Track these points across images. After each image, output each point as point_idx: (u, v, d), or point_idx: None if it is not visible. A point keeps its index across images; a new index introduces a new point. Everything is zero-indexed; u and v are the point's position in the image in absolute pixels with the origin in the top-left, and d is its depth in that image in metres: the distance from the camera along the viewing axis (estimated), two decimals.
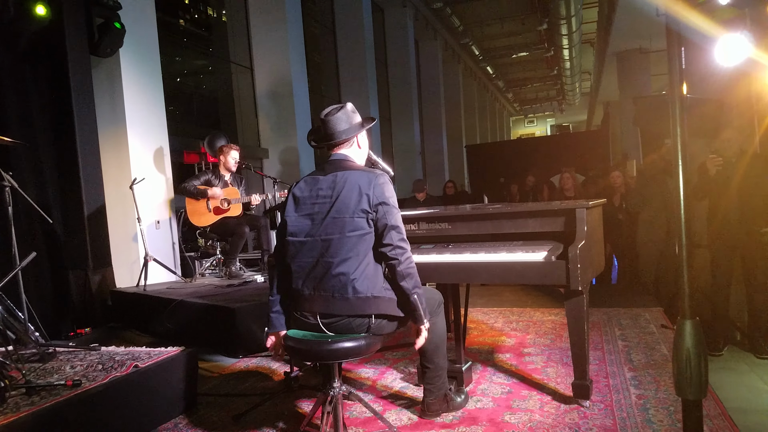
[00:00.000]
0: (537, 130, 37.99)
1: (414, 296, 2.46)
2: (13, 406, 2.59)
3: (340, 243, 2.43)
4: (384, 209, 2.45)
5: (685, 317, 1.77)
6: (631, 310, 5.18)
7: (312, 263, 2.49)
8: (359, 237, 2.43)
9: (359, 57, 12.91)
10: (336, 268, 2.42)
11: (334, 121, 2.60)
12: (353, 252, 2.43)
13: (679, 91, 1.78)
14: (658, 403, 3.01)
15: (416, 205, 8.29)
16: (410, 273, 2.46)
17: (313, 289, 2.49)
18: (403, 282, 2.44)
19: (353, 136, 2.65)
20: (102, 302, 5.64)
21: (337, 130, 2.61)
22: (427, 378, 2.90)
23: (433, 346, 2.80)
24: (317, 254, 2.47)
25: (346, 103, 2.68)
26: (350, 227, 2.42)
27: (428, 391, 2.93)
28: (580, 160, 10.11)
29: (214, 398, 3.55)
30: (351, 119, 2.64)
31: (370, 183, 2.46)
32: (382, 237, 2.45)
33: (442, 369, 2.91)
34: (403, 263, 2.44)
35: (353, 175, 2.49)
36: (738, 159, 4.08)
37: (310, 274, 2.50)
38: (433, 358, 2.84)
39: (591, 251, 2.96)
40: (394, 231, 2.45)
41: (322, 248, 2.46)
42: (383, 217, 2.44)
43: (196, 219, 5.85)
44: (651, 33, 12.42)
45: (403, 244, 2.47)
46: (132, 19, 6.05)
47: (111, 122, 6.08)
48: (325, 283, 2.45)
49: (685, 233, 1.74)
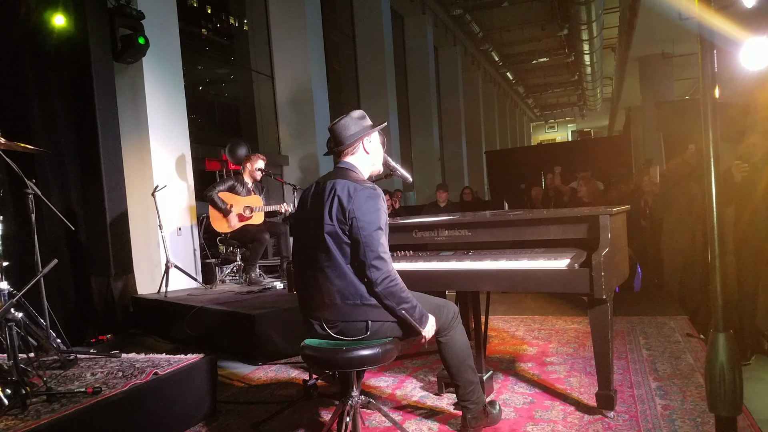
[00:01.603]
0: (558, 135, 37.71)
1: (401, 312, 2.40)
2: (34, 413, 2.61)
3: (326, 251, 2.43)
4: (356, 223, 2.37)
5: (718, 330, 1.70)
6: (655, 319, 5.08)
7: (310, 269, 2.50)
8: (337, 246, 2.41)
9: (379, 64, 12.95)
10: (325, 275, 2.44)
11: (339, 129, 2.60)
12: (335, 261, 2.41)
13: (711, 95, 1.73)
14: (685, 414, 2.94)
15: (437, 210, 8.25)
16: (391, 292, 2.38)
17: (312, 297, 2.51)
18: (385, 302, 2.39)
19: (358, 141, 2.61)
20: (123, 309, 5.69)
21: (342, 136, 2.60)
22: (460, 395, 2.77)
23: (457, 362, 2.71)
24: (314, 263, 2.48)
25: (353, 111, 2.67)
26: (333, 236, 2.41)
27: (466, 408, 2.77)
28: (601, 166, 10.00)
29: (233, 406, 3.54)
30: (357, 124, 2.62)
31: (350, 194, 2.40)
32: (356, 252, 2.39)
33: (474, 383, 2.77)
34: (380, 285, 2.36)
35: (341, 184, 2.45)
36: (764, 164, 3.99)
37: (310, 282, 2.51)
38: (461, 374, 2.72)
39: (615, 259, 2.90)
40: (367, 249, 2.35)
41: (314, 255, 2.47)
42: (355, 231, 2.37)
43: (218, 225, 5.91)
44: (674, 37, 12.27)
45: (379, 263, 2.36)
46: (155, 28, 6.13)
47: (134, 130, 6.15)
48: (322, 290, 2.46)
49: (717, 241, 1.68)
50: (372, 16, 12.84)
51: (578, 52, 18.40)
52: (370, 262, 2.35)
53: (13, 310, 3.09)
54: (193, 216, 6.60)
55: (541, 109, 34.45)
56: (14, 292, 3.24)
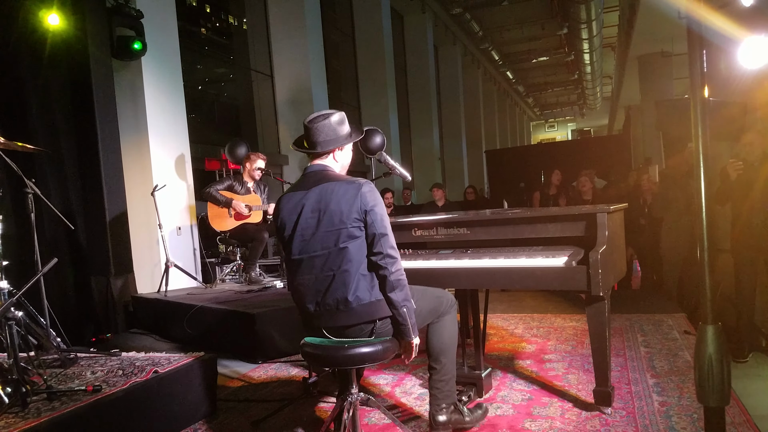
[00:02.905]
0: (557, 134, 37.72)
1: (403, 309, 2.39)
2: (34, 412, 2.62)
3: (336, 255, 2.40)
4: (372, 217, 2.39)
5: (707, 322, 1.73)
6: (653, 316, 5.10)
7: (312, 279, 2.46)
8: (354, 246, 2.40)
9: (379, 63, 12.95)
10: (335, 281, 2.40)
11: (315, 130, 2.52)
12: (350, 262, 2.39)
13: (701, 94, 1.74)
14: (682, 411, 2.95)
15: (435, 210, 8.26)
16: (400, 284, 2.40)
17: (316, 305, 2.46)
18: (392, 294, 2.38)
19: (332, 150, 2.57)
20: (123, 308, 5.70)
21: (317, 141, 2.53)
22: (432, 381, 2.75)
23: (442, 345, 2.72)
24: (316, 270, 2.45)
25: (334, 113, 2.58)
26: (344, 237, 2.39)
27: (434, 397, 2.75)
28: (601, 165, 10.00)
29: (233, 404, 3.56)
30: (335, 131, 2.55)
31: (357, 191, 2.41)
32: (372, 245, 2.40)
33: (450, 374, 2.77)
34: (394, 273, 2.38)
35: (339, 186, 2.44)
36: (761, 163, 4.00)
37: (311, 291, 2.47)
38: (440, 357, 2.72)
39: (612, 256, 2.92)
40: (383, 239, 2.39)
41: (319, 263, 2.44)
42: (372, 225, 2.39)
43: (216, 223, 5.91)
44: (673, 36, 12.27)
45: (393, 252, 2.41)
46: (154, 27, 6.13)
47: (133, 130, 6.15)
48: (327, 297, 2.42)
49: (707, 238, 1.70)
50: (372, 15, 12.85)
51: (578, 50, 18.41)
52: (386, 252, 2.39)
53: (14, 309, 3.10)
54: (192, 215, 6.61)
55: (541, 108, 34.45)
56: (14, 291, 3.25)
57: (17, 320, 3.06)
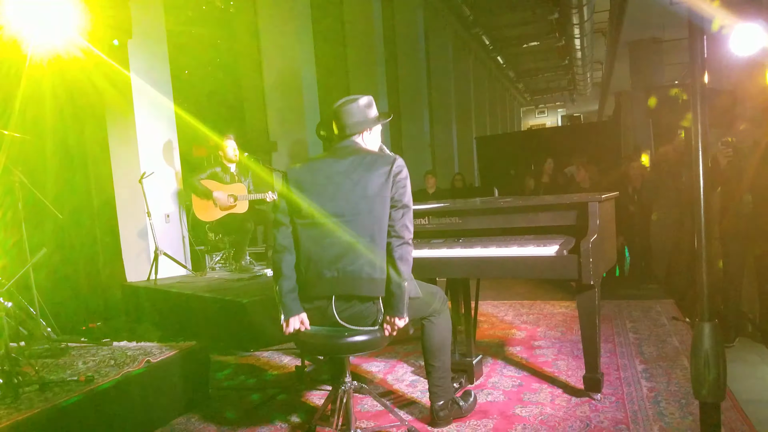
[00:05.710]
0: (548, 120, 37.71)
1: (405, 284, 2.40)
2: (27, 403, 2.61)
3: (368, 221, 2.41)
4: (402, 190, 2.47)
5: (704, 319, 1.74)
6: (642, 303, 5.14)
7: (337, 244, 2.42)
8: (384, 214, 2.43)
9: (368, 49, 12.85)
10: (365, 248, 2.40)
11: (345, 112, 2.57)
12: (380, 231, 2.42)
13: (701, 82, 1.72)
14: (670, 396, 2.99)
15: (426, 198, 8.26)
16: (408, 258, 2.44)
17: (336, 271, 2.42)
18: (400, 264, 2.40)
19: (361, 132, 2.60)
20: (113, 296, 5.67)
21: (346, 122, 2.58)
22: (433, 379, 2.79)
23: (439, 344, 2.76)
24: (344, 235, 2.41)
25: (361, 97, 2.64)
26: (379, 205, 2.42)
27: (435, 395, 2.79)
28: (591, 152, 10.01)
29: (225, 392, 3.57)
30: (365, 113, 2.60)
31: (392, 164, 2.47)
32: (394, 217, 2.44)
33: (448, 370, 2.83)
34: (405, 245, 2.44)
35: (373, 158, 2.50)
36: (751, 151, 4.03)
37: (329, 256, 2.42)
38: (440, 355, 2.77)
39: (603, 245, 2.93)
40: (407, 212, 2.47)
41: (351, 228, 2.41)
42: (401, 196, 2.46)
43: (201, 214, 5.82)
44: (664, 22, 12.26)
45: (410, 225, 2.49)
46: (140, 11, 6.02)
47: (119, 116, 6.07)
48: (352, 262, 2.40)
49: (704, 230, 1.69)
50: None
51: (569, 36, 18.32)
52: (406, 222, 2.47)
53: (3, 300, 3.08)
54: (181, 202, 6.55)
55: (532, 93, 34.38)
56: (3, 282, 3.23)
57: (7, 311, 3.04)
